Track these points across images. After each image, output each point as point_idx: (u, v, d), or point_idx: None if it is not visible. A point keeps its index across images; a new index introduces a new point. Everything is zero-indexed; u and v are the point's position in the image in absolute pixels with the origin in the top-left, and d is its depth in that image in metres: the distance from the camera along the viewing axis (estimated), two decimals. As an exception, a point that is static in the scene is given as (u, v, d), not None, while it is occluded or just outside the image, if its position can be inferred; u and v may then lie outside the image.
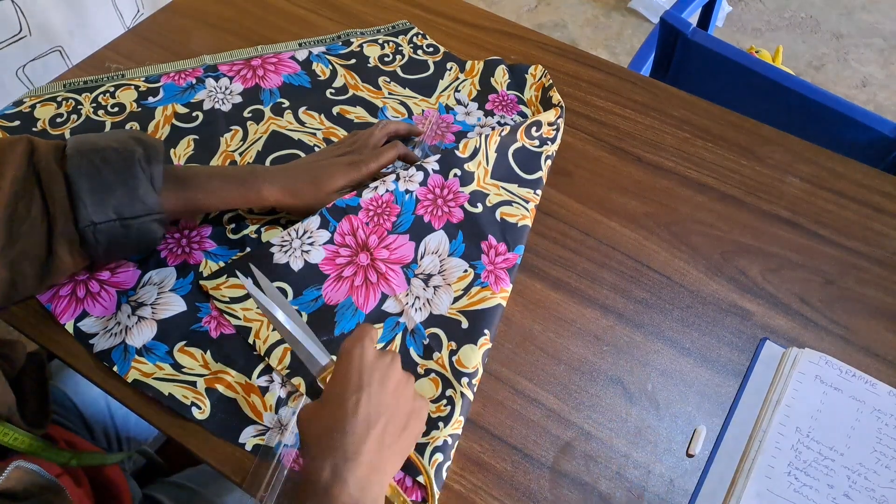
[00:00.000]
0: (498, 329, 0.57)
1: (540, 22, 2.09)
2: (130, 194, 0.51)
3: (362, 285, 0.58)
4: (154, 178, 0.52)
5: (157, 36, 0.81)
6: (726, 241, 0.63)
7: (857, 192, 0.67)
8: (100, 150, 0.51)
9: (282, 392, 0.52)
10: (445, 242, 0.62)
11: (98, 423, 0.70)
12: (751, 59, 0.97)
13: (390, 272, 0.59)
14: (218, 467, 0.50)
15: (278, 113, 0.72)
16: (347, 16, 0.84)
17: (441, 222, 0.63)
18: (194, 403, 0.52)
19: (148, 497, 0.64)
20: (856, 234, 0.64)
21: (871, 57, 1.98)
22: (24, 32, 1.04)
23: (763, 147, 0.71)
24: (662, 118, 0.73)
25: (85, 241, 0.51)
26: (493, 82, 0.76)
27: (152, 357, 0.54)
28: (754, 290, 0.60)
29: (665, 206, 0.66)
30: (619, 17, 2.11)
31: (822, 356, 0.55)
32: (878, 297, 0.60)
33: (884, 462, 0.51)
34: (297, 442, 0.50)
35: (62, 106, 0.71)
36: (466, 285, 0.59)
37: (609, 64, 0.79)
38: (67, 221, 0.49)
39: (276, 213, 0.63)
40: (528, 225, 0.63)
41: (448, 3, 0.86)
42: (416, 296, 0.58)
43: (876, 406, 0.53)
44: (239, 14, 0.84)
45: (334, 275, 0.58)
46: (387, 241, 0.61)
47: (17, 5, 1.02)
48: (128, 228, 0.51)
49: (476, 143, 0.65)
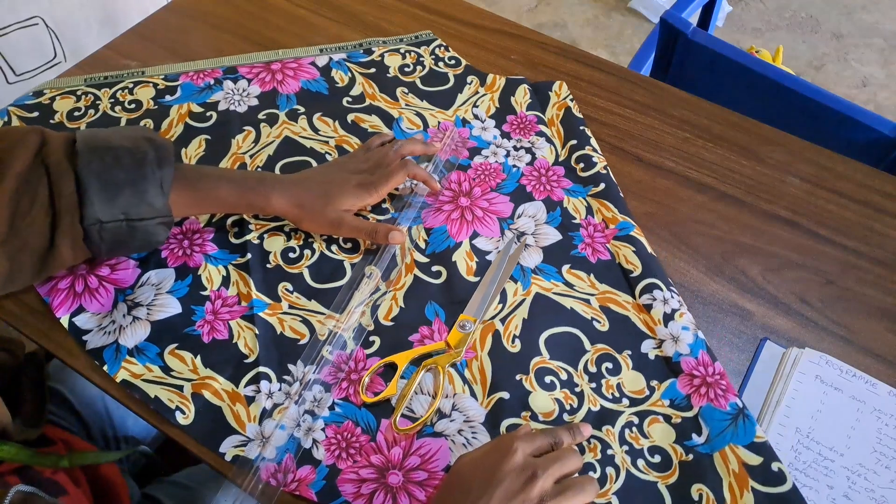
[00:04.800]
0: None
1: (540, 22, 2.09)
2: (139, 196, 0.51)
3: (458, 219, 0.63)
4: (164, 181, 0.52)
5: (156, 36, 0.81)
6: (726, 241, 0.63)
7: (858, 192, 0.67)
8: (111, 149, 0.51)
9: (267, 403, 0.52)
10: (543, 212, 0.64)
11: (95, 422, 0.70)
12: (751, 59, 0.97)
13: (486, 218, 0.63)
14: (216, 467, 0.50)
15: (293, 118, 0.71)
16: (347, 16, 0.84)
17: (542, 196, 0.66)
18: (179, 408, 0.51)
19: (147, 496, 0.64)
20: (856, 234, 0.64)
21: (871, 57, 1.98)
22: (58, 58, 1.06)
23: (763, 147, 0.71)
24: (662, 118, 0.73)
25: (89, 238, 0.51)
26: (513, 102, 0.74)
27: (143, 358, 0.54)
28: (754, 290, 0.60)
29: (665, 206, 0.66)
30: (619, 17, 2.11)
31: (822, 356, 0.55)
32: (879, 297, 0.60)
33: (884, 462, 0.50)
34: (277, 456, 0.49)
35: (81, 100, 0.72)
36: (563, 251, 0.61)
37: (609, 64, 0.79)
38: (74, 218, 0.49)
39: (279, 221, 0.62)
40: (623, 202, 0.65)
41: (448, 2, 0.86)
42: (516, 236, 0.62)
43: (876, 406, 0.53)
44: (239, 14, 0.84)
45: (435, 206, 0.64)
46: (489, 196, 0.65)
47: (52, 31, 1.03)
48: (133, 229, 0.52)
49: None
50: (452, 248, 0.61)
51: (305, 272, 0.59)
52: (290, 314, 0.57)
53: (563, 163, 0.68)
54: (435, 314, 0.57)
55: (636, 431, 0.51)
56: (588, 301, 0.58)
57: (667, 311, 0.56)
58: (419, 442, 0.50)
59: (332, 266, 0.60)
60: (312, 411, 0.51)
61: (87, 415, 0.69)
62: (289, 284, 0.58)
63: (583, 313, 0.57)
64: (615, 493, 0.49)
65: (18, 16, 0.98)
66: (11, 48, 0.99)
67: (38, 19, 1.00)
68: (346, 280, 0.59)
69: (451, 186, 0.65)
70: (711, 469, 0.49)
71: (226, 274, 0.59)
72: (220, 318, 0.56)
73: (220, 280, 0.58)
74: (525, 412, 0.52)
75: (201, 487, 0.66)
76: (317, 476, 0.49)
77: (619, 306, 0.58)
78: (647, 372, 0.54)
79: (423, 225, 0.63)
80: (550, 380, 0.54)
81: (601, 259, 0.61)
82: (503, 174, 0.67)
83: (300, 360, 0.54)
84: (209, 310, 0.57)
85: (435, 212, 0.64)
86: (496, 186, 0.66)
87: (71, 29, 1.05)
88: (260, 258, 0.60)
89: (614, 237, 0.62)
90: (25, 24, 0.99)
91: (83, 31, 1.06)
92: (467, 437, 0.51)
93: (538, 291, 0.58)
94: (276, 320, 0.56)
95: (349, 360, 0.54)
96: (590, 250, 0.61)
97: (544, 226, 0.63)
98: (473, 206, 0.64)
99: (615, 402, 0.53)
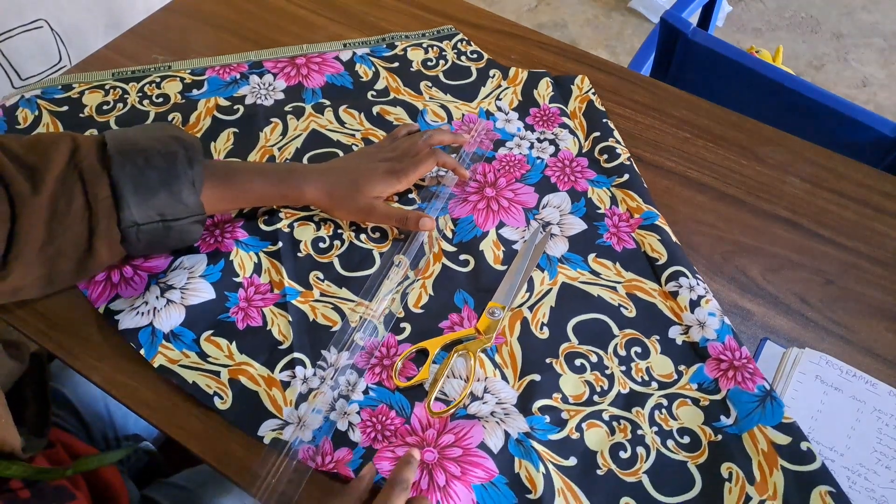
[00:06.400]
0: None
1: (540, 22, 2.09)
2: (174, 196, 0.52)
3: (484, 209, 0.64)
4: (195, 179, 0.53)
5: (156, 36, 0.81)
6: (726, 241, 0.63)
7: (858, 192, 0.67)
8: (142, 151, 0.51)
9: (302, 388, 0.53)
10: (568, 202, 0.65)
11: (96, 423, 0.70)
12: (751, 58, 0.97)
13: (512, 208, 0.64)
14: (218, 468, 0.50)
15: (319, 111, 0.72)
16: (348, 16, 0.84)
17: (566, 186, 0.66)
18: (217, 393, 0.52)
19: (146, 498, 0.64)
20: (856, 234, 0.64)
21: (871, 57, 1.98)
22: (64, 62, 1.05)
23: (763, 147, 0.71)
24: (663, 118, 0.73)
25: (126, 240, 0.52)
26: (535, 95, 0.74)
27: (179, 344, 0.55)
28: (754, 290, 0.60)
29: (665, 206, 0.66)
30: (619, 16, 2.11)
31: (822, 356, 0.55)
32: (879, 297, 0.60)
33: (884, 462, 0.50)
34: (313, 438, 0.50)
35: (109, 94, 0.73)
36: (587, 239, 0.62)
37: (609, 64, 0.79)
38: (111, 221, 0.50)
39: (309, 210, 0.63)
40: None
41: (448, 2, 0.86)
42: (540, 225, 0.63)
43: (876, 406, 0.53)
44: (239, 14, 0.84)
45: (460, 196, 0.65)
46: (513, 187, 0.66)
47: (57, 34, 1.03)
48: (169, 229, 0.53)
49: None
50: (479, 238, 0.62)
51: (335, 261, 0.60)
52: (321, 301, 0.58)
53: (587, 154, 0.69)
54: (464, 301, 0.58)
55: (665, 413, 0.52)
56: (615, 289, 0.59)
57: (693, 298, 0.57)
58: (453, 423, 0.51)
59: (362, 255, 0.61)
60: (347, 395, 0.53)
61: (87, 416, 0.69)
62: (319, 273, 0.59)
63: (610, 300, 0.58)
64: (645, 472, 0.50)
65: (23, 19, 0.98)
66: (16, 52, 0.99)
67: (42, 22, 1.00)
68: (375, 269, 0.60)
69: (477, 177, 0.66)
70: (740, 449, 0.50)
71: (257, 261, 0.60)
72: (254, 305, 0.57)
73: (251, 267, 0.59)
74: (556, 394, 0.53)
75: (201, 489, 0.66)
76: (353, 456, 0.50)
77: (646, 293, 0.59)
78: (675, 357, 0.55)
79: (449, 215, 0.64)
80: (580, 363, 0.55)
81: (626, 248, 0.61)
82: (527, 165, 0.68)
83: (332, 346, 0.55)
84: (242, 297, 0.58)
85: (461, 202, 0.65)
86: (521, 177, 0.67)
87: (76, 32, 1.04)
88: (291, 247, 0.61)
89: (639, 226, 0.63)
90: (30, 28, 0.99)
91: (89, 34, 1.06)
92: (500, 418, 0.51)
93: (565, 281, 0.59)
94: (309, 308, 0.57)
95: (380, 346, 0.55)
96: (615, 239, 0.62)
97: (569, 216, 0.64)
98: (499, 196, 0.65)
99: (644, 385, 0.54)
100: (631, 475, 0.49)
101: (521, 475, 0.49)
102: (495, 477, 0.48)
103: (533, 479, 0.48)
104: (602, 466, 0.50)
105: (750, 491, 0.48)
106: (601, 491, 0.49)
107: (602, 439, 0.51)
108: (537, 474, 0.48)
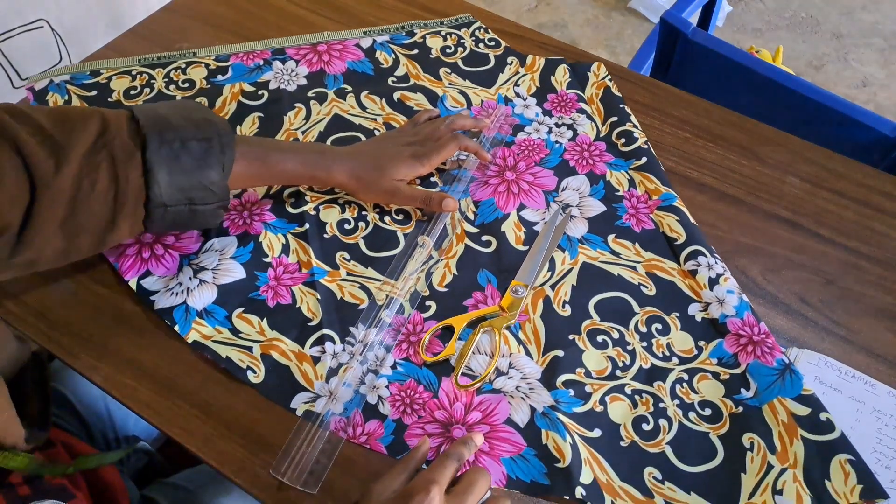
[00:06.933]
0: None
1: (540, 22, 2.09)
2: (204, 182, 0.52)
3: (505, 192, 0.65)
4: (225, 165, 0.53)
5: (156, 36, 0.81)
6: (726, 241, 0.63)
7: (858, 192, 0.67)
8: (177, 133, 0.51)
9: (332, 363, 0.54)
10: (587, 185, 0.66)
11: (96, 424, 0.70)
12: (751, 58, 0.97)
13: (532, 191, 0.65)
14: (218, 468, 0.50)
15: (341, 96, 0.74)
16: (347, 16, 0.84)
17: (584, 170, 0.67)
18: (250, 367, 0.54)
19: (146, 498, 0.64)
20: (856, 234, 0.64)
21: (871, 57, 1.98)
22: (64, 62, 1.05)
23: (763, 147, 0.71)
24: (663, 118, 0.73)
25: (150, 219, 0.52)
26: (553, 81, 0.76)
27: (212, 320, 0.56)
28: (754, 290, 0.60)
29: (665, 207, 0.66)
30: (619, 16, 2.11)
31: (821, 357, 0.55)
32: (879, 297, 0.60)
33: (884, 462, 0.50)
34: (344, 410, 0.51)
35: (136, 79, 0.74)
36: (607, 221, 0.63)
37: (609, 64, 0.79)
38: (139, 201, 0.50)
39: (334, 193, 0.65)
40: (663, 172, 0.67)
41: (448, 3, 0.86)
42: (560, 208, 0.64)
43: (876, 407, 0.53)
44: (239, 14, 0.84)
45: (481, 179, 0.66)
46: (533, 170, 0.67)
47: (58, 34, 1.03)
48: (194, 213, 0.53)
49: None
50: (501, 219, 0.63)
51: (361, 242, 0.62)
52: (348, 280, 0.59)
53: (605, 138, 0.70)
54: (487, 281, 0.59)
55: (686, 387, 0.54)
56: (634, 268, 0.60)
57: (711, 276, 0.58)
58: (479, 398, 0.53)
59: (386, 236, 0.62)
60: (376, 370, 0.54)
61: (87, 416, 0.69)
62: (346, 253, 0.61)
63: (630, 279, 0.59)
64: (668, 444, 0.51)
65: (24, 19, 0.98)
66: (16, 51, 0.99)
67: (42, 22, 1.00)
68: (399, 249, 0.61)
69: (497, 161, 0.68)
70: (760, 420, 0.51)
71: (285, 242, 0.61)
72: (283, 283, 0.59)
73: (280, 248, 0.61)
74: (579, 369, 0.54)
75: (200, 490, 0.66)
76: (385, 431, 0.51)
77: (665, 272, 0.60)
78: (695, 333, 0.56)
79: (471, 198, 0.65)
80: (602, 339, 0.56)
81: (645, 228, 0.63)
82: (546, 149, 0.69)
83: (360, 323, 0.56)
84: (272, 276, 0.59)
85: (482, 185, 0.66)
86: (540, 161, 0.68)
87: (76, 32, 1.05)
88: (317, 228, 0.62)
89: (657, 208, 0.64)
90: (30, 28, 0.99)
91: (89, 34, 1.06)
92: (525, 393, 0.53)
93: (585, 261, 0.60)
94: (336, 286, 0.59)
95: (406, 323, 0.57)
96: (634, 220, 0.63)
97: (588, 198, 0.65)
98: (519, 179, 0.66)
99: (665, 360, 0.55)
100: (654, 446, 0.51)
101: (549, 446, 0.50)
102: (524, 450, 0.50)
103: (560, 449, 0.49)
104: (626, 438, 0.51)
105: (771, 460, 0.49)
106: (626, 461, 0.50)
107: (625, 412, 0.52)
108: (564, 444, 0.49)
